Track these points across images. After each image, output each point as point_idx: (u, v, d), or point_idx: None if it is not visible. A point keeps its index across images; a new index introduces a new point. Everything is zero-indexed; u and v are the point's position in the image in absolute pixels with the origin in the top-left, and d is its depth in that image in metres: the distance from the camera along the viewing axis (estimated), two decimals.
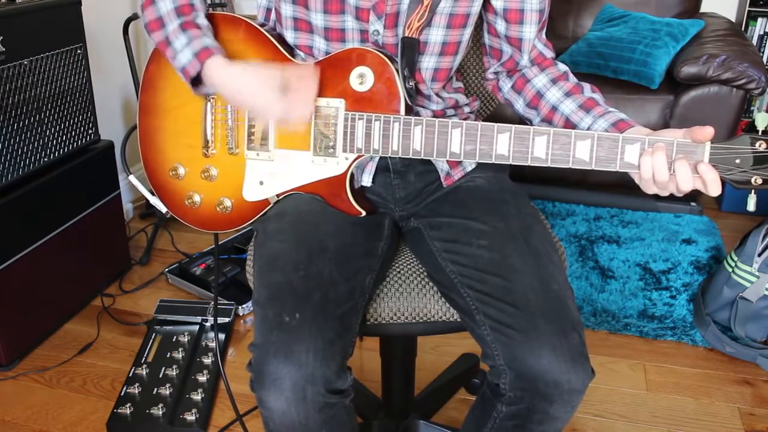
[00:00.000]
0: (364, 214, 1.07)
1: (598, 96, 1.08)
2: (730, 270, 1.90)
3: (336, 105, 1.04)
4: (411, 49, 1.04)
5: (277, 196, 1.11)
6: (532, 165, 0.98)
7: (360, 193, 1.13)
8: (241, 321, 2.02)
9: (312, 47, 1.10)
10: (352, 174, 1.07)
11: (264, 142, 1.09)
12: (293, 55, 1.10)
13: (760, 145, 0.89)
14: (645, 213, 2.58)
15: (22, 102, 1.77)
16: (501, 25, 1.11)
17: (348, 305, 0.97)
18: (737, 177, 0.91)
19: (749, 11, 2.90)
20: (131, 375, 1.74)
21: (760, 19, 2.92)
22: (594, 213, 2.59)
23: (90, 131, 2.05)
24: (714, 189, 0.90)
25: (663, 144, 0.91)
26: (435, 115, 1.13)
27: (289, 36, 1.10)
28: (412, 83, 1.04)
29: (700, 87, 2.35)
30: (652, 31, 2.54)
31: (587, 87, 1.10)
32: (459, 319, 1.06)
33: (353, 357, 0.98)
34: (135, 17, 2.32)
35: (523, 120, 1.15)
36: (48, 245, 1.89)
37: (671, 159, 0.91)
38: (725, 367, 1.81)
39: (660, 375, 1.78)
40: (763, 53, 2.94)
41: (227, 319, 1.96)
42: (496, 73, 1.19)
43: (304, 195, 1.09)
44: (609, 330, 1.95)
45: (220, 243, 2.24)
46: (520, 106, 1.16)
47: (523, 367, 0.92)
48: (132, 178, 1.28)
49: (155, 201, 1.20)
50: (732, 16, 2.99)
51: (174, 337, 1.88)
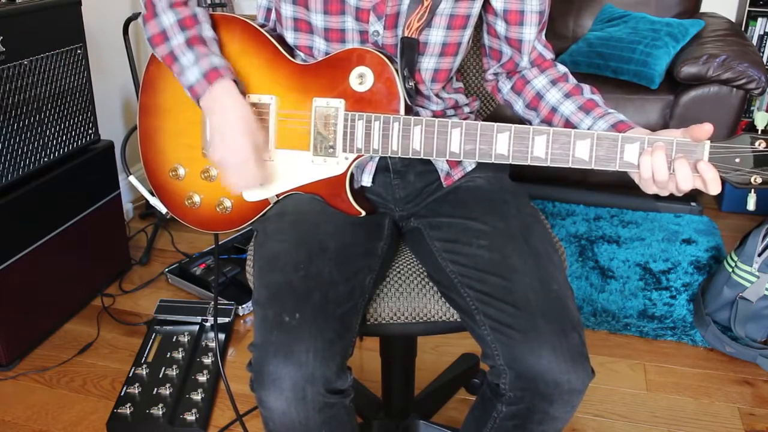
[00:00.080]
0: (363, 214, 1.07)
1: (597, 97, 1.08)
2: (730, 270, 1.90)
3: (336, 105, 1.04)
4: (410, 49, 1.04)
5: (277, 196, 1.11)
6: (531, 165, 0.98)
7: (360, 193, 1.13)
8: (241, 321, 2.02)
9: (312, 48, 1.10)
10: (351, 174, 1.07)
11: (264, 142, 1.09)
12: (293, 56, 1.10)
13: (759, 144, 0.89)
14: (645, 213, 2.58)
15: (22, 102, 1.77)
16: (501, 26, 1.11)
17: (348, 305, 0.97)
18: (737, 176, 0.90)
19: (749, 11, 2.90)
20: (131, 375, 1.74)
21: (760, 19, 2.92)
22: (594, 213, 2.59)
23: (90, 131, 2.05)
24: (714, 188, 0.90)
25: (662, 143, 0.91)
26: (435, 115, 1.12)
27: (289, 36, 1.10)
28: (411, 83, 1.04)
29: (700, 87, 2.35)
30: (652, 31, 2.54)
31: (587, 88, 1.10)
32: (459, 319, 1.06)
33: (353, 357, 0.98)
34: (135, 17, 2.32)
35: (523, 121, 1.15)
36: (48, 245, 1.89)
37: (671, 158, 0.91)
38: (725, 367, 1.81)
39: (660, 375, 1.78)
40: (763, 53, 2.94)
41: (227, 319, 1.96)
42: (495, 74, 1.19)
43: (303, 195, 1.09)
44: (609, 330, 1.95)
45: (220, 243, 2.24)
46: (519, 107, 1.16)
47: (523, 367, 0.92)
48: (132, 178, 1.28)
49: (155, 201, 1.20)
50: (732, 16, 2.99)
51: (174, 337, 1.88)
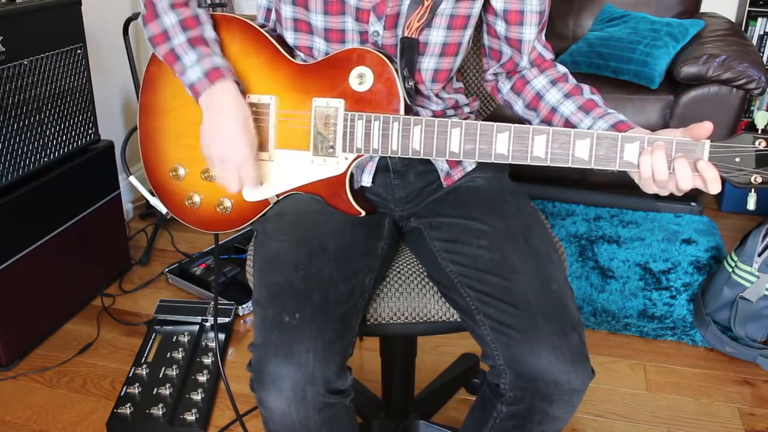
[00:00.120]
0: (363, 214, 1.07)
1: (597, 98, 1.08)
2: (730, 270, 1.90)
3: (335, 105, 1.04)
4: (410, 49, 1.04)
5: (277, 196, 1.11)
6: (531, 164, 0.98)
7: (360, 193, 1.13)
8: (241, 321, 2.02)
9: (312, 48, 1.10)
10: (351, 174, 1.06)
11: (264, 142, 1.09)
12: (293, 56, 1.10)
13: (759, 144, 0.89)
14: (645, 213, 2.58)
15: (22, 102, 1.77)
16: (501, 27, 1.11)
17: (348, 305, 0.97)
18: (737, 176, 0.90)
19: (749, 11, 2.89)
20: (131, 375, 1.74)
21: (760, 19, 2.92)
22: (594, 213, 2.59)
23: (90, 131, 2.05)
24: (714, 187, 0.89)
25: (662, 143, 0.91)
26: (435, 115, 1.12)
27: (289, 37, 1.10)
28: (411, 83, 1.04)
29: (700, 87, 2.35)
30: (652, 31, 2.54)
31: (586, 89, 1.10)
32: (459, 319, 1.06)
33: (353, 357, 0.98)
34: (135, 17, 2.32)
35: (522, 121, 1.15)
36: (48, 245, 1.89)
37: (671, 158, 0.91)
38: (725, 367, 1.81)
39: (660, 375, 1.78)
40: (763, 53, 2.94)
41: (227, 319, 1.96)
42: (495, 75, 1.19)
43: (303, 195, 1.09)
44: (609, 330, 1.95)
45: (220, 243, 2.24)
46: (519, 107, 1.16)
47: (523, 367, 0.92)
48: (132, 178, 1.28)
49: (155, 201, 1.20)
50: (732, 16, 2.99)
51: (174, 337, 1.88)
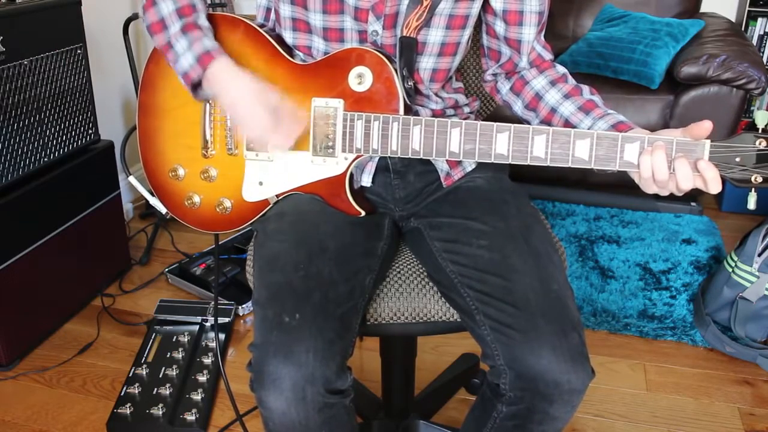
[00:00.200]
0: (363, 214, 1.07)
1: (597, 98, 1.08)
2: (730, 270, 1.90)
3: (335, 105, 1.04)
4: (409, 49, 1.04)
5: (277, 196, 1.11)
6: (531, 164, 0.98)
7: (359, 193, 1.13)
8: (241, 321, 2.02)
9: (311, 47, 1.09)
10: (351, 174, 1.06)
11: None
12: (292, 56, 1.10)
13: (760, 143, 0.89)
14: (645, 213, 2.58)
15: (22, 102, 1.77)
16: (500, 27, 1.11)
17: (348, 305, 0.97)
18: (737, 175, 0.90)
19: (749, 11, 2.89)
20: (131, 375, 1.74)
21: (760, 19, 2.92)
22: (594, 213, 2.58)
23: (90, 131, 2.05)
24: (714, 187, 0.89)
25: (662, 143, 0.91)
26: (434, 115, 1.12)
27: (288, 36, 1.10)
28: (410, 83, 1.04)
29: (700, 87, 2.35)
30: (652, 31, 2.53)
31: (586, 89, 1.10)
32: (459, 319, 1.06)
33: (353, 357, 0.98)
34: (135, 17, 2.32)
35: (522, 122, 1.15)
36: (48, 245, 1.89)
37: (671, 157, 0.91)
38: (725, 367, 1.81)
39: (660, 375, 1.78)
40: (763, 53, 2.94)
41: (227, 319, 1.96)
42: (494, 75, 1.19)
43: (303, 195, 1.09)
44: (609, 330, 1.95)
45: (220, 243, 2.24)
46: (518, 107, 1.16)
47: (523, 367, 0.92)
48: (132, 179, 1.28)
49: (155, 202, 1.20)
50: (732, 16, 2.99)
51: (174, 337, 1.88)
